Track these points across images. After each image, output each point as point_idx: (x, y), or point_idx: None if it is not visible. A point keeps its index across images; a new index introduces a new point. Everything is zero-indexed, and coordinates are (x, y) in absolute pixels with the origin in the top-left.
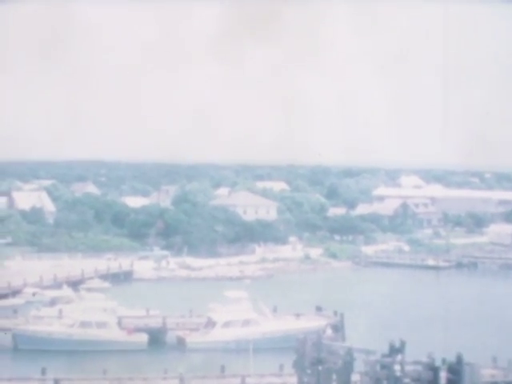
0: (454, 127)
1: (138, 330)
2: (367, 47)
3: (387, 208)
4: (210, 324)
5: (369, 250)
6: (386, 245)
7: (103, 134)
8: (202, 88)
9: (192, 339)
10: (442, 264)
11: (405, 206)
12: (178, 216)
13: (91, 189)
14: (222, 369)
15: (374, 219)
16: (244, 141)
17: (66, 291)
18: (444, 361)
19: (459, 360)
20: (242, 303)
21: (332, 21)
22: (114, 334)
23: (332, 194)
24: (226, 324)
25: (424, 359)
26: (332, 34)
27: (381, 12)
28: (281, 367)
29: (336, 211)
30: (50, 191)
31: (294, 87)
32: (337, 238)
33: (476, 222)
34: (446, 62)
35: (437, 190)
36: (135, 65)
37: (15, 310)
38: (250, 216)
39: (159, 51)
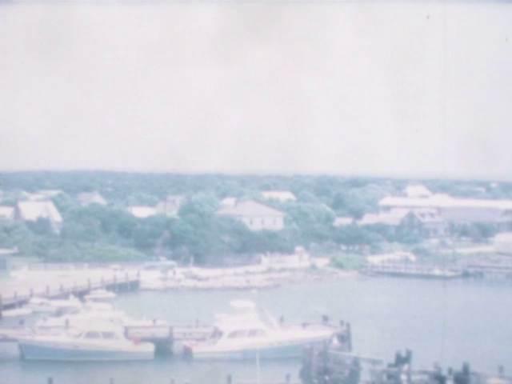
0: (454, 133)
1: (145, 339)
2: (367, 47)
3: (393, 218)
4: (217, 334)
5: (375, 259)
6: (392, 254)
7: (109, 144)
8: (202, 90)
9: (198, 349)
10: (448, 273)
11: (411, 215)
12: (184, 226)
13: (98, 199)
14: (229, 379)
15: (381, 229)
16: (247, 149)
17: (73, 301)
18: (450, 370)
19: (465, 369)
20: (248, 313)
21: (332, 21)
22: (121, 344)
23: (338, 204)
24: (233, 334)
25: (430, 369)
26: (332, 34)
27: (380, 13)
28: (287, 377)
29: (342, 221)
30: (56, 201)
31: (294, 88)
32: (343, 247)
33: (482, 232)
34: (446, 64)
35: (443, 200)
36: (136, 65)
37: (22, 321)
38: (256, 226)
39: (159, 51)
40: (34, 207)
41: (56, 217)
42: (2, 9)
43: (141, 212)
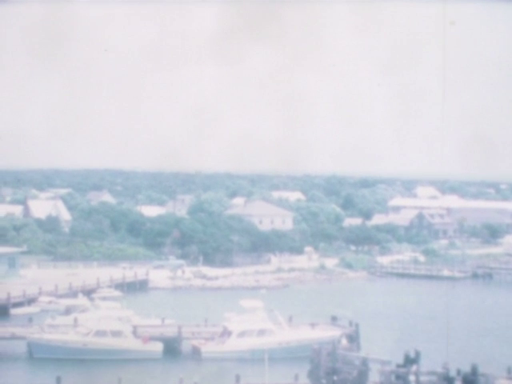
0: (463, 134)
1: (154, 338)
2: (367, 47)
3: (403, 218)
4: (226, 333)
5: (384, 260)
6: (401, 255)
7: (118, 143)
8: (204, 89)
9: (207, 348)
10: (457, 275)
11: (420, 216)
12: (193, 225)
13: (107, 198)
14: (237, 378)
15: (390, 229)
16: (256, 148)
17: (81, 300)
18: (459, 371)
19: (474, 371)
20: (257, 313)
21: (332, 21)
22: (129, 342)
23: (348, 205)
24: (242, 333)
25: (439, 370)
26: (332, 34)
27: (381, 13)
28: (296, 377)
29: (352, 221)
30: (65, 200)
31: (295, 88)
32: (352, 248)
33: (491, 233)
34: (453, 64)
35: (453, 201)
36: (136, 65)
37: (30, 319)
38: (265, 226)
39: (159, 51)
40: (43, 205)
41: (65, 215)
42: (1, 9)
43: (150, 211)
